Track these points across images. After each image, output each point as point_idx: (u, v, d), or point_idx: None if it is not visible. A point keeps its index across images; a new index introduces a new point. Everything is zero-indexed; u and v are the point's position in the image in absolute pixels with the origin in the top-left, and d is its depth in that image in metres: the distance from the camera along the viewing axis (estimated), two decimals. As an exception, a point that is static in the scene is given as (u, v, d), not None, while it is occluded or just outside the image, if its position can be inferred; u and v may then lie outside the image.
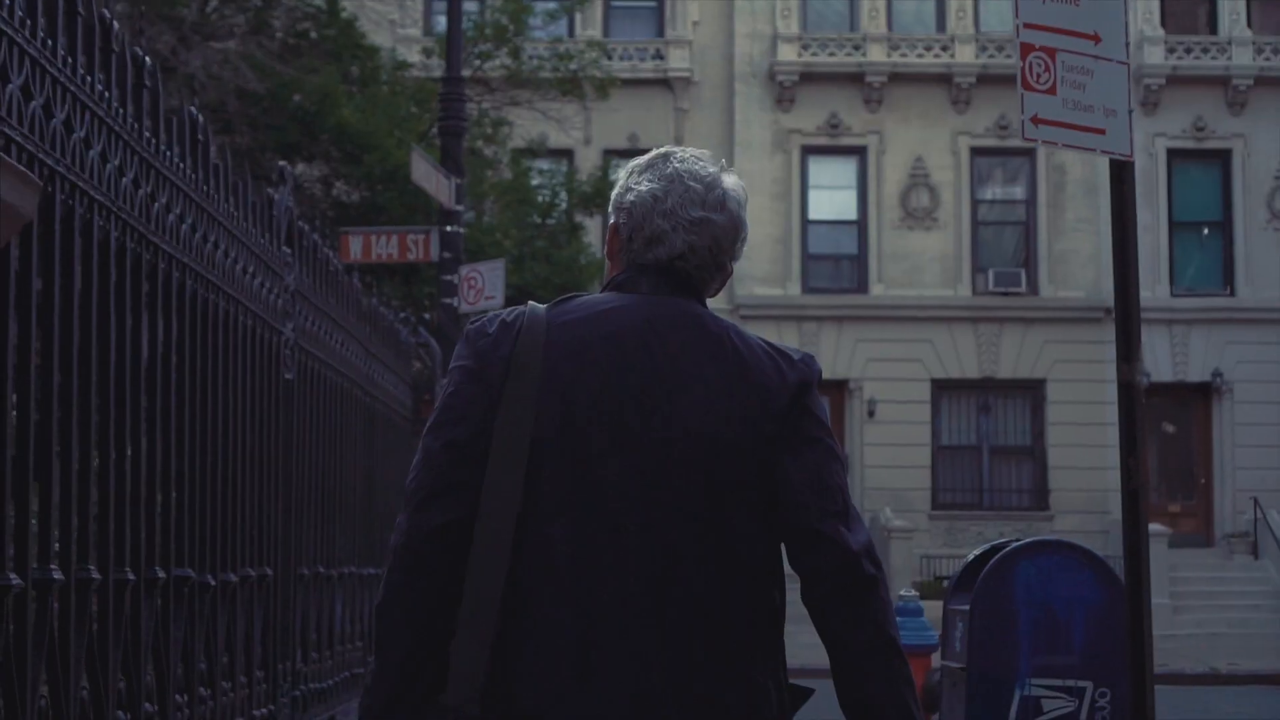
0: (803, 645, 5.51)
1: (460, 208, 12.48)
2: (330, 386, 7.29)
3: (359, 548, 8.11)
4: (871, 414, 27.94)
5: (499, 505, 2.31)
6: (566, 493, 2.33)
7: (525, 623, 2.30)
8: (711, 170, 2.51)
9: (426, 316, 10.28)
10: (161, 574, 4.51)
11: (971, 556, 6.91)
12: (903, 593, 9.30)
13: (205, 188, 5.03)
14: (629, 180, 2.53)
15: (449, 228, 12.46)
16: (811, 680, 2.63)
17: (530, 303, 2.48)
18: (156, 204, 4.50)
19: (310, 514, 6.82)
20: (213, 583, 5.11)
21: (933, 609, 23.74)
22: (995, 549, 6.68)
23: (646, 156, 2.55)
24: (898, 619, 9.24)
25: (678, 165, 2.50)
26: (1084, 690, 6.27)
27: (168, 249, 4.64)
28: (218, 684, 5.14)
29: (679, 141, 28.75)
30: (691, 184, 2.48)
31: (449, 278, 12.40)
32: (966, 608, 6.46)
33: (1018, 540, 6.69)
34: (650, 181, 2.50)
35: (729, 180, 2.51)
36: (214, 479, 5.23)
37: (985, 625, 6.33)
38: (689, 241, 2.46)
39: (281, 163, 6.45)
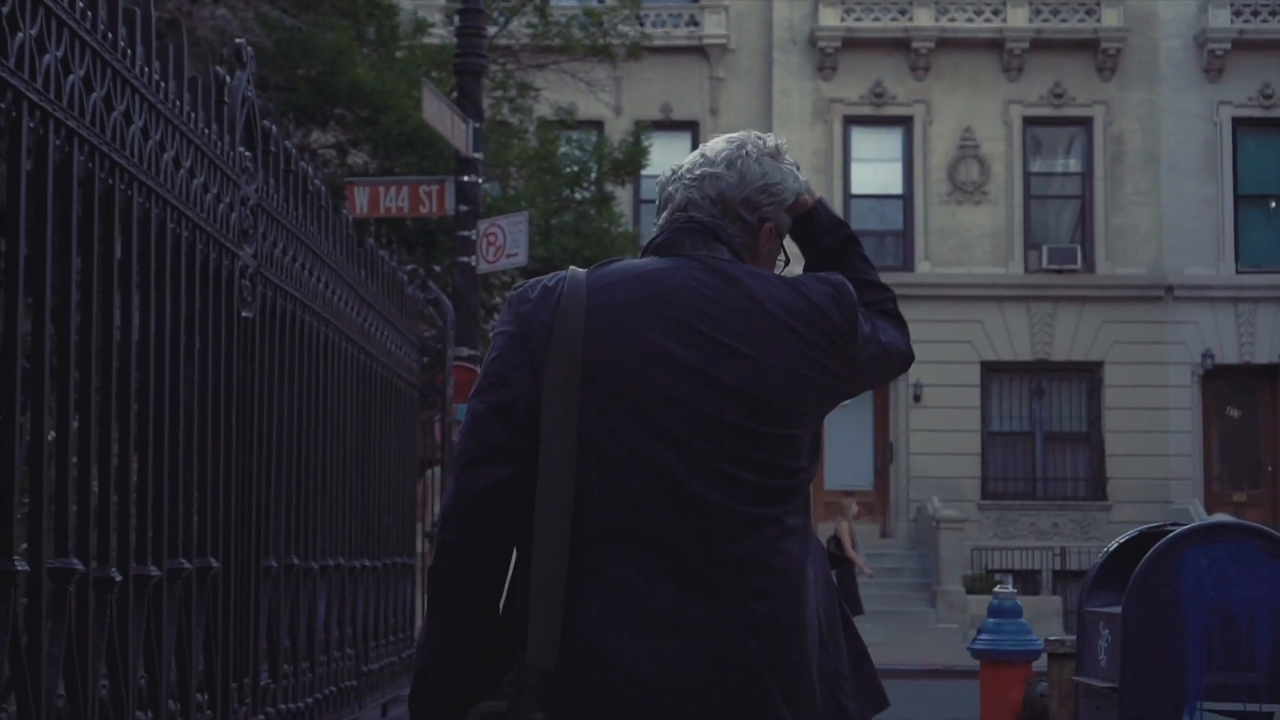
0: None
1: (479, 155, 11.09)
2: (309, 334, 5.89)
3: (351, 536, 6.72)
4: (918, 399, 26.54)
5: (557, 466, 2.37)
6: (620, 455, 2.39)
7: (592, 577, 2.37)
8: (740, 137, 2.63)
9: (437, 269, 8.88)
10: (25, 565, 3.12)
11: (1116, 544, 5.44)
12: (999, 589, 7.84)
13: (110, 35, 3.64)
14: None
15: (466, 177, 11.07)
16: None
17: (571, 268, 2.53)
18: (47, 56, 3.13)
19: (280, 493, 5.43)
20: (118, 578, 3.71)
21: (979, 604, 22.16)
22: (1150, 535, 5.22)
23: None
24: (991, 618, 7.83)
25: (705, 147, 2.66)
26: (1271, 717, 4.85)
27: (57, 114, 3.27)
28: (128, 712, 3.75)
29: (714, 113, 27.38)
30: (704, 152, 2.63)
31: (466, 234, 11.02)
32: (1116, 611, 5.02)
33: (1179, 525, 5.21)
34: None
35: (760, 141, 2.62)
36: (132, 440, 3.85)
37: (1143, 634, 4.89)
38: (688, 196, 2.58)
39: (240, 41, 5.04)
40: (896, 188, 27.15)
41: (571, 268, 2.52)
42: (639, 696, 2.34)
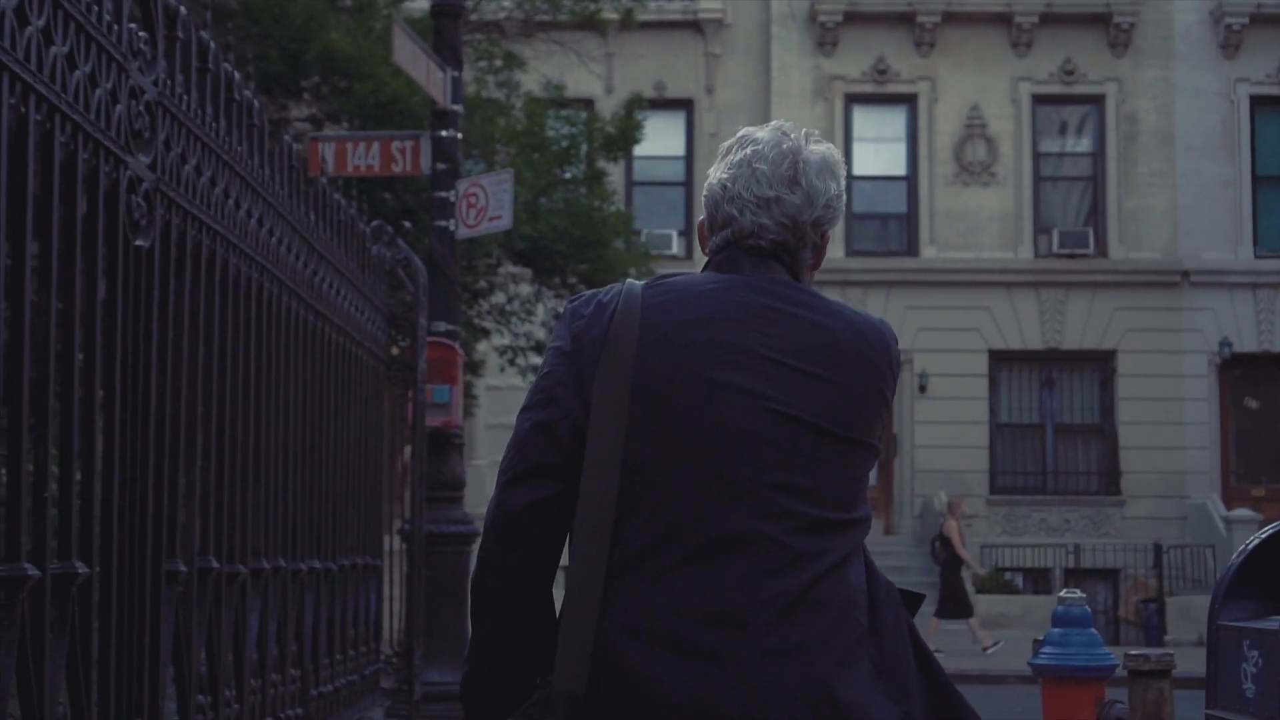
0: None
1: (458, 107, 9.89)
2: (236, 280, 4.72)
3: (296, 533, 5.55)
4: (923, 389, 25.41)
5: (599, 486, 2.34)
6: (665, 479, 2.33)
7: (628, 601, 2.31)
8: (787, 145, 2.50)
9: (407, 225, 7.71)
10: None
11: (1255, 542, 4.27)
12: (1065, 594, 6.66)
13: None
14: (712, 170, 2.58)
15: (444, 132, 9.88)
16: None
17: (629, 281, 2.48)
18: None
19: (193, 478, 4.26)
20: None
21: (988, 605, 21.13)
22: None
23: (727, 142, 2.58)
24: (1057, 628, 6.68)
25: (750, 150, 2.51)
26: None
27: None
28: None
29: (710, 90, 26.24)
30: (758, 166, 2.50)
31: (444, 195, 9.83)
32: (1270, 627, 3.85)
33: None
34: (722, 170, 2.54)
35: (810, 151, 2.50)
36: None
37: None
38: (757, 221, 2.48)
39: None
40: (900, 169, 26.05)
41: (629, 281, 2.48)
42: None
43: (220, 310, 4.57)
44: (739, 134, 2.56)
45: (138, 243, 3.81)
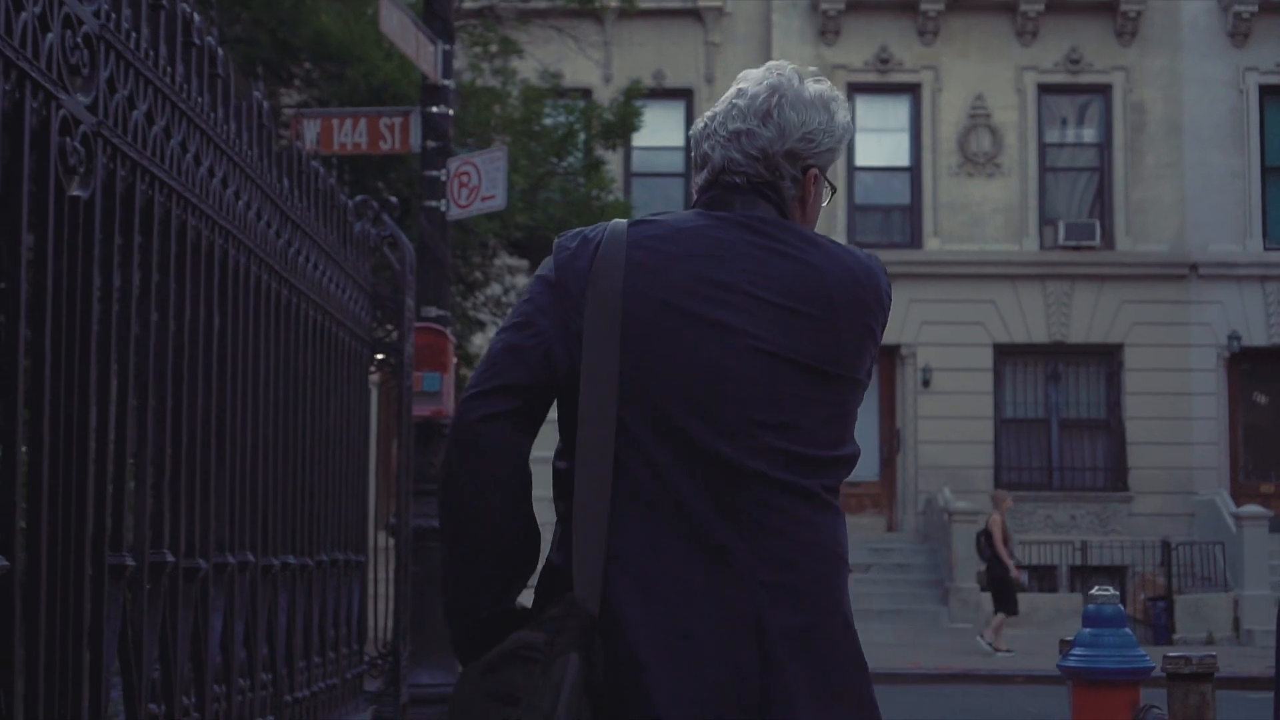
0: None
1: (449, 82, 9.44)
2: (193, 242, 4.26)
3: (268, 525, 5.09)
4: (926, 384, 24.96)
5: (598, 413, 2.33)
6: (651, 416, 2.34)
7: (618, 539, 2.33)
8: (770, 81, 2.50)
9: (393, 199, 7.26)
10: None
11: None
12: (1097, 590, 6.20)
13: None
14: None
15: (435, 108, 9.42)
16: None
17: (614, 220, 2.48)
18: None
19: (143, 460, 3.81)
20: None
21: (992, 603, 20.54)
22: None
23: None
24: (1088, 628, 6.24)
25: (736, 88, 2.52)
26: None
27: None
28: None
29: (709, 80, 25.78)
30: (737, 102, 2.50)
31: (434, 173, 9.37)
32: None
33: None
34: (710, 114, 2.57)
35: (795, 86, 2.49)
36: None
37: None
38: (726, 155, 2.48)
39: None
40: (903, 159, 25.60)
41: (614, 220, 2.48)
42: (646, 663, 2.30)
43: (177, 276, 4.12)
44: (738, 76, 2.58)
45: (74, 193, 3.36)
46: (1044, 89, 25.71)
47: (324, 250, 6.01)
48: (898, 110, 25.83)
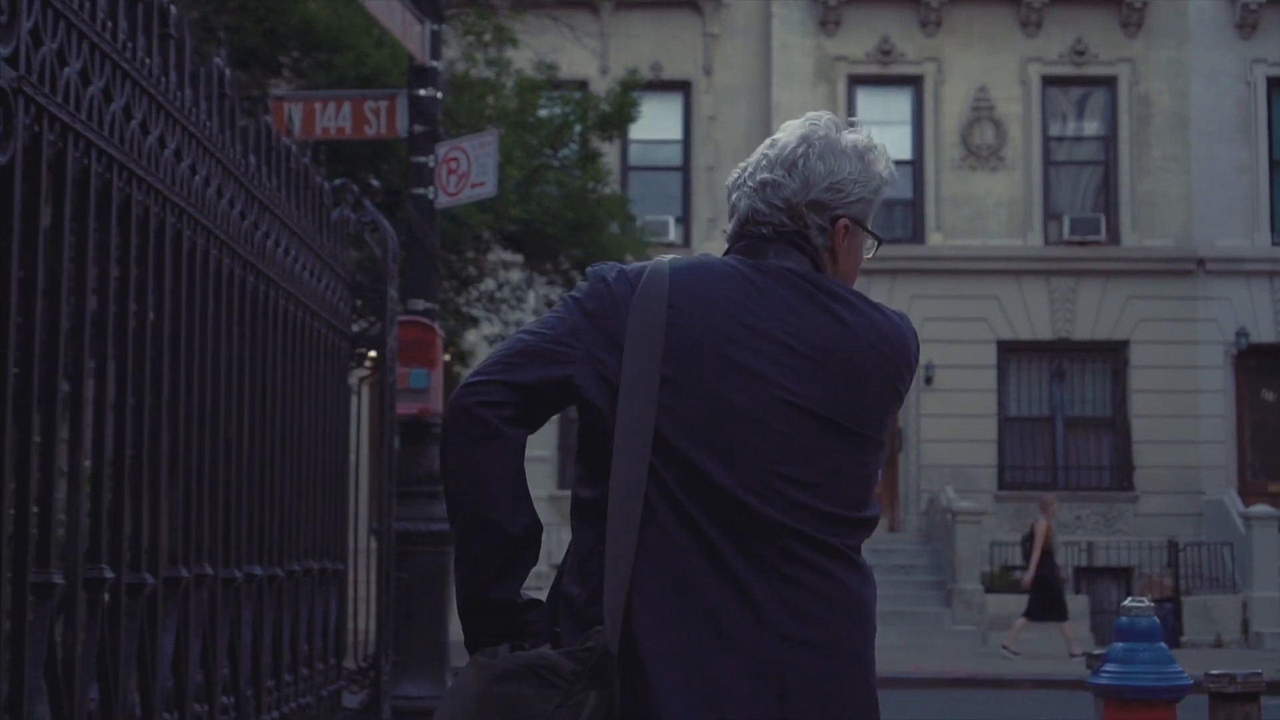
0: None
1: (437, 63, 8.99)
2: (142, 220, 3.82)
3: (232, 533, 4.65)
4: (929, 381, 24.53)
5: (631, 450, 2.30)
6: (682, 461, 2.31)
7: (643, 577, 2.30)
8: (804, 131, 2.48)
9: (375, 183, 6.82)
10: None
11: None
12: (1131, 601, 5.76)
13: None
14: None
15: (422, 91, 8.98)
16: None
17: (656, 259, 2.46)
18: None
19: (76, 462, 3.37)
20: None
21: (997, 604, 20.46)
22: None
23: None
24: (1121, 643, 5.81)
25: (775, 137, 2.52)
26: None
27: None
28: None
29: (708, 72, 25.35)
30: (767, 152, 2.50)
31: (422, 159, 8.92)
32: None
33: None
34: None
35: (822, 135, 2.48)
36: None
37: None
38: (751, 205, 2.47)
39: None
40: (905, 153, 25.17)
41: (655, 259, 2.45)
42: (665, 702, 2.27)
43: (120, 258, 3.68)
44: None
45: (-14, 157, 2.92)
46: (1048, 81, 25.28)
47: (297, 235, 5.56)
48: (899, 103, 25.42)
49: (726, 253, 2.51)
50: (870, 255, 2.58)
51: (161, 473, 3.99)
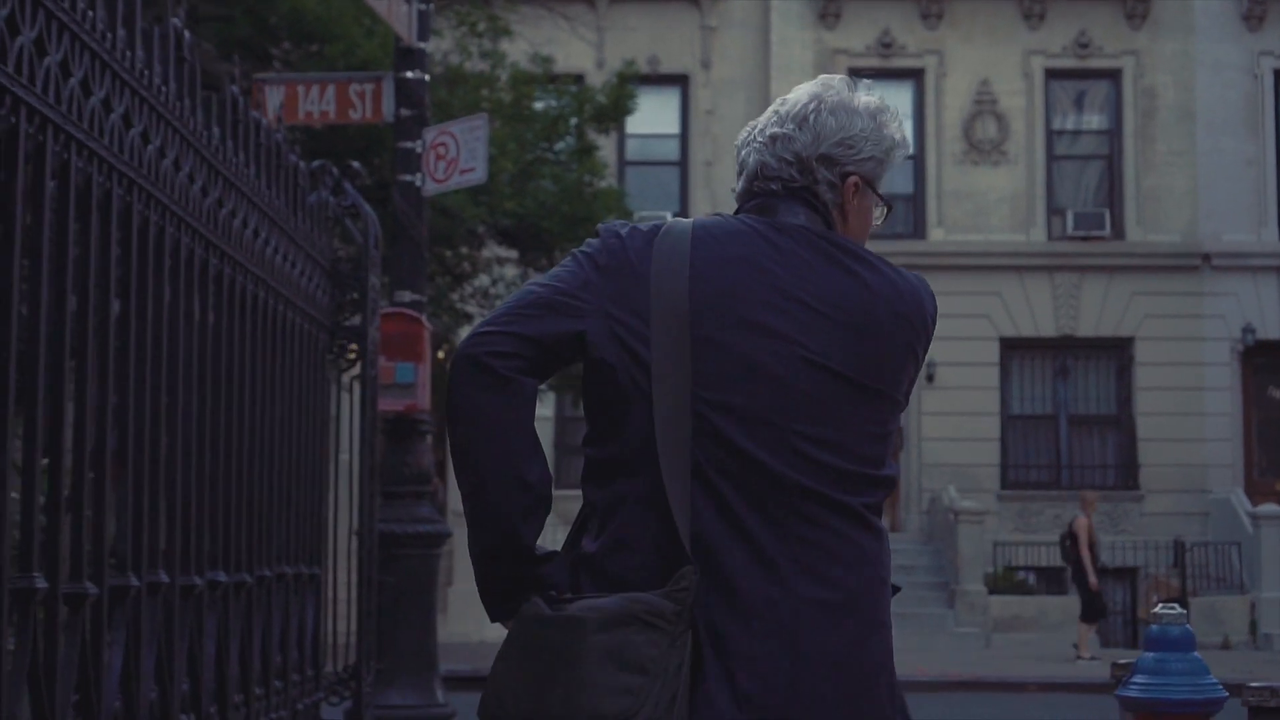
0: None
1: (425, 45, 8.62)
2: (82, 188, 3.44)
3: (191, 537, 4.27)
4: (931, 379, 24.18)
5: (675, 418, 2.27)
6: (699, 419, 2.30)
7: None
8: (817, 89, 2.49)
9: (355, 164, 6.45)
10: None
11: None
12: (1162, 608, 5.39)
13: None
14: None
15: (409, 73, 8.60)
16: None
17: (669, 218, 2.46)
18: None
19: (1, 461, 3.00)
20: None
21: (1000, 606, 20.14)
22: None
23: None
24: (1151, 652, 5.45)
25: (782, 98, 2.52)
26: None
27: None
28: None
29: (706, 65, 25.00)
30: (778, 109, 2.49)
31: (409, 145, 8.55)
32: None
33: None
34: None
35: (833, 93, 2.48)
36: None
37: None
38: (761, 159, 2.46)
39: None
40: (906, 147, 24.74)
41: (670, 218, 2.43)
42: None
43: (57, 234, 3.30)
44: None
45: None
46: (1052, 74, 24.94)
47: (269, 216, 5.19)
48: (901, 96, 25.01)
49: (737, 212, 2.47)
50: (879, 221, 2.54)
51: (106, 470, 3.61)
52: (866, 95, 2.51)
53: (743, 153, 2.51)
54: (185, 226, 4.22)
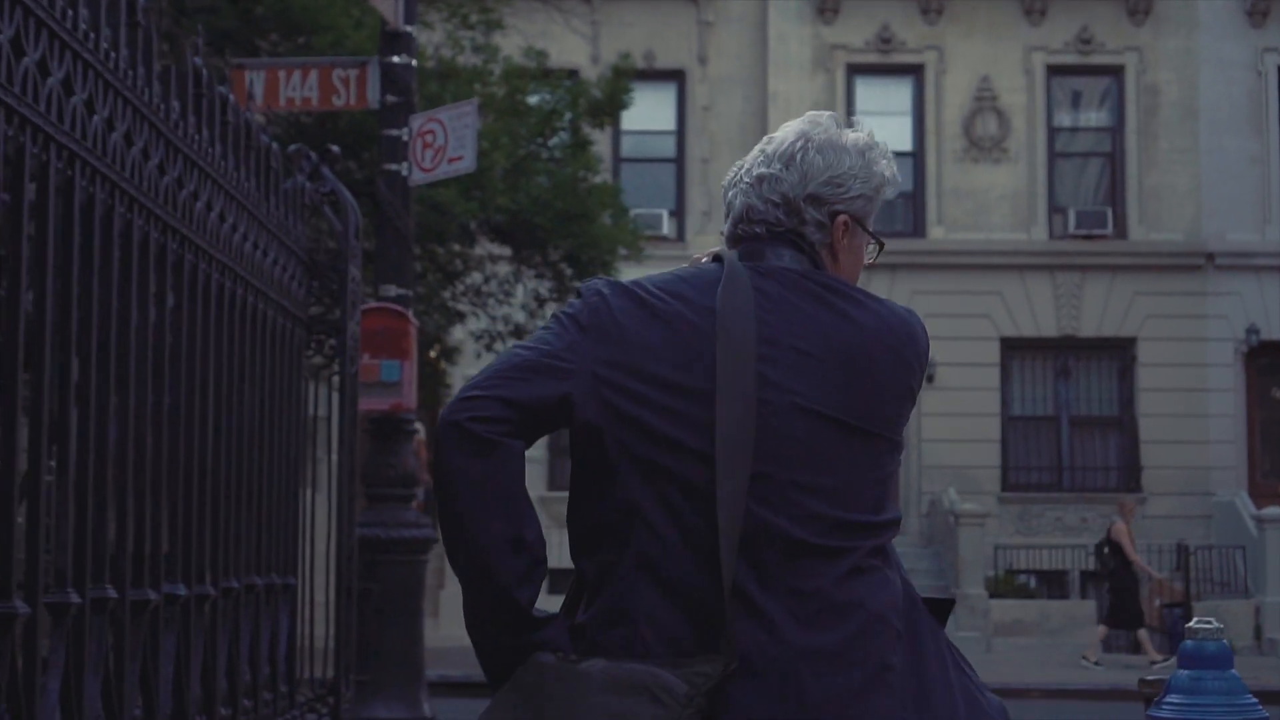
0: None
1: (411, 29, 8.26)
2: (17, 160, 3.07)
3: (145, 547, 3.91)
4: (930, 380, 23.82)
5: (732, 490, 2.22)
6: (685, 470, 2.27)
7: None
8: (804, 127, 2.45)
9: (334, 148, 6.08)
10: None
11: None
12: (1198, 623, 5.03)
13: None
14: None
15: (395, 58, 8.24)
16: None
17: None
18: None
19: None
20: None
21: (1001, 610, 19.78)
22: None
23: None
24: (1185, 669, 5.10)
25: (768, 136, 2.49)
26: None
27: None
28: None
29: (702, 61, 24.65)
30: (762, 148, 2.46)
31: (395, 132, 8.18)
32: None
33: None
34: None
35: (821, 131, 2.44)
36: None
37: None
38: (747, 202, 2.43)
39: None
40: (906, 144, 24.51)
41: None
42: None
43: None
44: None
45: None
46: (1053, 70, 24.61)
47: (237, 200, 4.82)
48: (900, 92, 24.76)
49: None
50: (872, 260, 2.50)
51: (46, 478, 3.24)
52: (855, 132, 2.47)
53: (729, 194, 2.47)
54: (139, 207, 3.86)
